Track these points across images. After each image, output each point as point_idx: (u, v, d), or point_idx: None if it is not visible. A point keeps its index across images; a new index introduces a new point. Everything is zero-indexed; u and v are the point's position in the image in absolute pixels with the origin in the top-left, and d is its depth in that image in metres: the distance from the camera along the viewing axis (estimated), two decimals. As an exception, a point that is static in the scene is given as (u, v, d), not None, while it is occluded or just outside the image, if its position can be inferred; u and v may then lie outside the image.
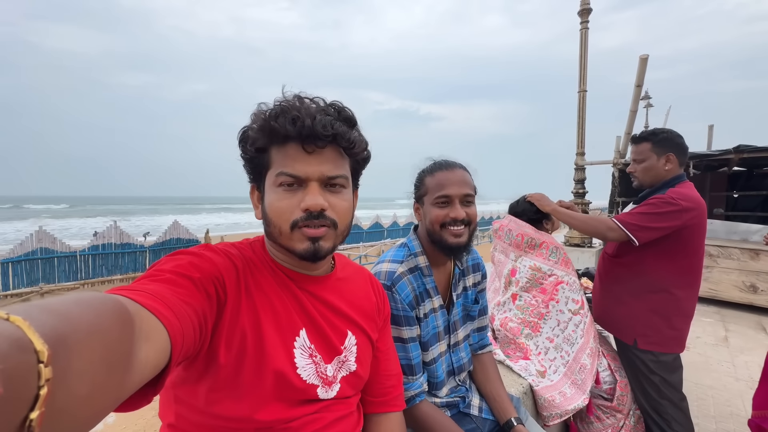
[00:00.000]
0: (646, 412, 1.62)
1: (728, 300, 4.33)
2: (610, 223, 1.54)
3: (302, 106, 0.66)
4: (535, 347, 1.62)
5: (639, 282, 1.61)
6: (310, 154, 0.66)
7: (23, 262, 10.68)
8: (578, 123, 4.69)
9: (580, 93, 4.61)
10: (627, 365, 1.68)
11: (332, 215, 0.68)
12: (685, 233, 1.49)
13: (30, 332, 0.25)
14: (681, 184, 1.56)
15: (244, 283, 0.67)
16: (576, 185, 4.65)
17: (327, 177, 0.68)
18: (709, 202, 7.16)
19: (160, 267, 0.58)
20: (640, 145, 1.62)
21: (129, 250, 12.46)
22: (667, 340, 1.58)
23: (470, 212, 1.04)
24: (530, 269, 1.69)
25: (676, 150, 1.56)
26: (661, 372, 1.57)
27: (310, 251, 0.67)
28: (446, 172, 1.06)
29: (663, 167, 1.57)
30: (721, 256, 4.40)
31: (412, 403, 1.00)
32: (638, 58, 4.72)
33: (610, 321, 1.73)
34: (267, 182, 0.69)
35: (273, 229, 0.68)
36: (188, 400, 0.64)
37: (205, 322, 0.57)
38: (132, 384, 0.37)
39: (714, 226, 4.85)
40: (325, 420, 0.71)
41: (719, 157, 5.02)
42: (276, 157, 0.67)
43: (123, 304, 0.38)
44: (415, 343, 1.04)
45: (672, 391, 1.58)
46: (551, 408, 1.45)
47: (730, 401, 2.43)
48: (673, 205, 1.45)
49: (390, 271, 1.04)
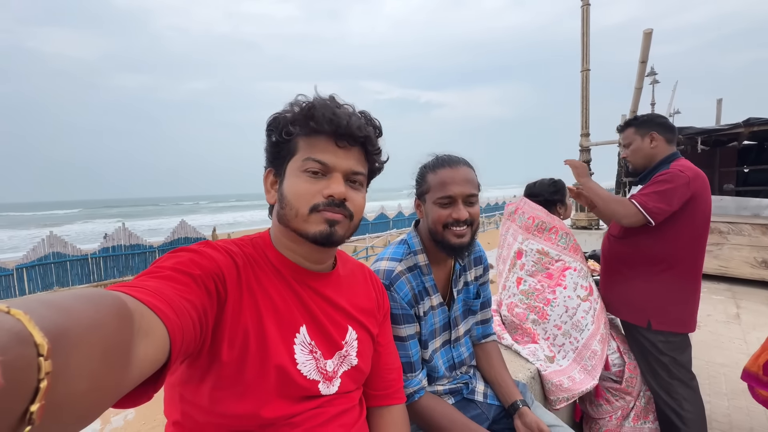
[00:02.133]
0: (657, 393, 1.61)
1: (739, 276, 4.28)
2: (629, 208, 1.53)
3: (340, 107, 0.71)
4: (543, 332, 1.61)
5: (649, 261, 1.59)
6: (340, 148, 0.70)
7: (37, 266, 10.91)
8: (582, 103, 4.61)
9: (583, 72, 4.51)
10: (636, 347, 1.67)
11: (350, 207, 0.72)
12: (690, 204, 1.52)
13: (30, 325, 0.26)
14: (677, 160, 1.60)
15: (246, 280, 0.67)
16: (581, 167, 4.58)
17: (352, 171, 0.72)
18: (719, 178, 7.03)
19: (160, 264, 0.58)
20: (625, 131, 1.70)
21: (139, 251, 12.67)
22: (681, 319, 1.57)
23: (473, 212, 1.02)
24: (537, 253, 1.67)
25: (659, 128, 1.62)
26: (670, 352, 1.56)
27: (326, 233, 0.69)
28: (449, 170, 1.03)
29: (648, 146, 1.63)
30: (731, 233, 4.33)
31: (412, 399, 1.00)
32: (642, 33, 4.58)
33: (620, 305, 1.70)
34: (290, 167, 0.71)
35: (289, 210, 0.69)
36: (193, 399, 0.64)
37: (205, 319, 0.57)
38: (131, 380, 0.37)
39: (724, 202, 4.76)
40: (326, 415, 0.71)
41: (729, 132, 4.91)
42: (304, 145, 0.70)
43: (122, 300, 0.38)
44: (414, 340, 1.03)
45: (682, 371, 1.57)
46: (559, 392, 1.45)
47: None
48: (682, 177, 1.49)
49: (388, 270, 1.03)
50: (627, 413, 1.66)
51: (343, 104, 0.73)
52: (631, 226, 1.56)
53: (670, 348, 1.57)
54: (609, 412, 1.67)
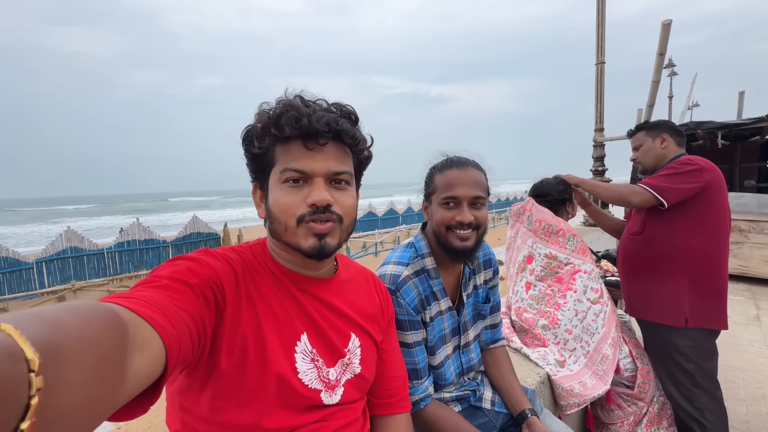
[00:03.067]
0: (677, 402, 1.55)
1: (760, 277, 4.13)
2: (636, 188, 1.55)
3: (303, 105, 0.66)
4: (554, 337, 1.58)
5: (675, 256, 1.54)
6: (312, 150, 0.66)
7: (55, 261, 11.26)
8: (596, 97, 4.47)
9: (597, 65, 4.38)
10: (657, 353, 1.60)
11: (338, 210, 0.68)
12: (710, 195, 1.51)
13: (21, 340, 0.25)
14: (686, 155, 1.61)
15: (245, 288, 0.66)
16: (595, 163, 4.46)
17: (333, 173, 0.68)
18: (740, 174, 6.79)
19: (157, 273, 0.57)
20: (636, 135, 1.75)
21: (153, 246, 12.95)
22: (716, 313, 1.53)
23: (479, 216, 0.98)
24: (545, 257, 1.63)
25: (669, 131, 1.67)
26: (697, 359, 1.50)
27: (316, 248, 0.67)
28: (456, 170, 1.00)
29: (660, 147, 1.67)
30: (752, 231, 4.18)
31: (418, 407, 0.98)
32: (660, 24, 4.42)
33: (648, 305, 1.63)
34: (271, 180, 0.69)
35: (278, 225, 0.67)
36: (192, 408, 0.64)
37: (203, 328, 0.56)
38: (126, 393, 0.37)
39: (745, 199, 4.59)
40: (330, 428, 0.70)
41: (751, 126, 4.71)
42: (280, 154, 0.68)
43: (116, 312, 0.38)
44: (420, 347, 1.01)
45: (707, 380, 1.51)
46: (569, 397, 1.41)
47: (762, 383, 2.33)
48: (692, 165, 1.51)
49: (395, 275, 1.00)
50: (640, 419, 1.62)
51: (312, 101, 0.69)
52: (640, 205, 1.58)
53: (698, 355, 1.51)
54: (621, 418, 1.63)
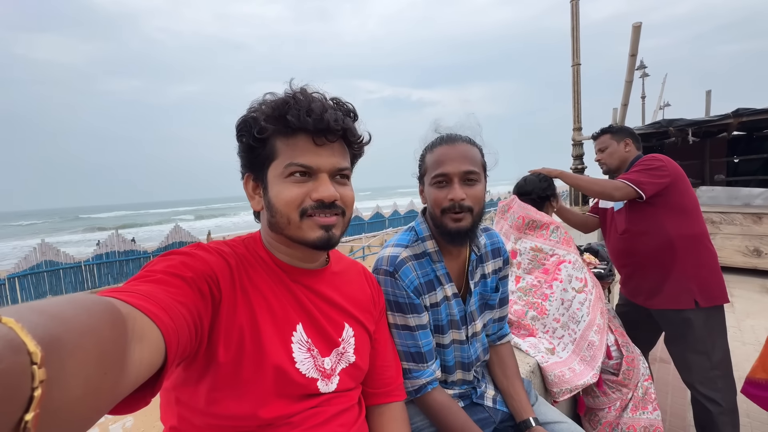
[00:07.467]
0: (693, 387, 1.65)
1: (732, 266, 4.33)
2: (618, 183, 1.67)
3: (314, 100, 0.67)
4: (542, 327, 1.62)
5: (672, 244, 1.65)
6: (321, 147, 0.67)
7: (29, 276, 10.75)
8: (573, 97, 4.62)
9: (573, 66, 4.53)
10: (675, 339, 1.70)
11: (342, 204, 0.71)
12: (680, 185, 1.67)
13: (22, 333, 0.25)
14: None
15: (239, 281, 0.66)
16: (574, 161, 4.61)
17: (337, 169, 0.70)
18: (710, 169, 7.12)
19: (151, 268, 0.57)
20: (601, 138, 1.91)
21: (133, 257, 12.54)
22: (720, 288, 1.63)
23: (472, 192, 0.92)
24: (531, 250, 1.68)
25: (631, 136, 1.88)
26: (714, 335, 1.61)
27: (324, 239, 0.68)
28: (446, 146, 0.95)
29: (624, 150, 1.86)
30: (723, 222, 4.38)
31: (424, 390, 0.95)
32: (631, 26, 4.62)
33: (656, 295, 1.73)
34: (272, 173, 0.68)
35: (280, 219, 0.68)
36: (189, 401, 0.63)
37: (200, 321, 0.57)
38: (127, 385, 0.37)
39: (715, 192, 4.81)
40: (325, 414, 0.71)
41: (718, 123, 4.96)
42: (283, 148, 0.67)
43: (115, 306, 0.38)
44: (424, 330, 0.96)
45: (722, 359, 1.61)
46: (561, 383, 1.45)
47: (737, 365, 2.42)
48: (658, 161, 1.67)
49: (393, 256, 0.96)
50: (625, 404, 1.67)
51: (315, 95, 0.69)
52: (622, 199, 1.70)
53: (714, 330, 1.61)
54: (607, 404, 1.68)
